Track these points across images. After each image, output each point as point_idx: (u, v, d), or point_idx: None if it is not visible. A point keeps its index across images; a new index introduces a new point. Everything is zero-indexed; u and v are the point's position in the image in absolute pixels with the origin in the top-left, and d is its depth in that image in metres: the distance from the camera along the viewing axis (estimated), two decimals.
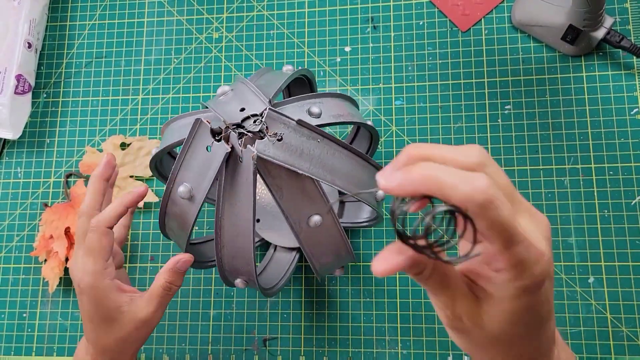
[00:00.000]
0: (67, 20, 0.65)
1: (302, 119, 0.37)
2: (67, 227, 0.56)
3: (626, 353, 0.50)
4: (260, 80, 0.44)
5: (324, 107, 0.41)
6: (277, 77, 0.43)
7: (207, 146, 0.38)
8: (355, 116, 0.44)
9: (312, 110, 0.40)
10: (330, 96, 0.43)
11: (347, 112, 0.43)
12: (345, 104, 0.44)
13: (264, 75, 0.46)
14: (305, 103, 0.41)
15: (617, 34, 0.52)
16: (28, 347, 0.57)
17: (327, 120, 0.41)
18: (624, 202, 0.52)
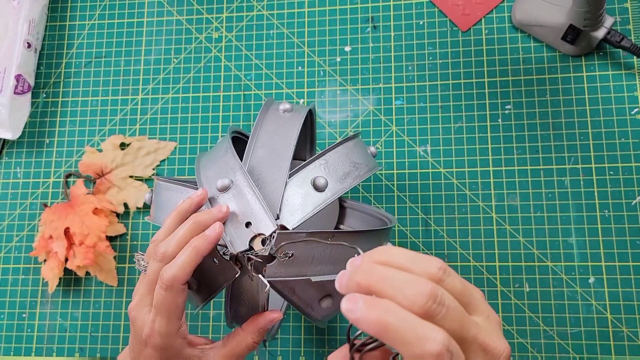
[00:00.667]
0: (66, 20, 0.65)
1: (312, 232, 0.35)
2: (66, 228, 0.56)
3: (626, 353, 0.49)
4: (259, 150, 0.41)
5: (329, 171, 0.40)
6: (279, 142, 0.41)
7: (213, 259, 0.37)
8: (362, 165, 0.42)
9: (317, 183, 0.39)
10: (333, 150, 0.41)
11: (353, 164, 0.42)
12: (350, 151, 0.42)
13: (263, 131, 0.42)
14: (309, 171, 0.40)
15: (617, 34, 0.52)
16: (28, 348, 0.57)
17: (334, 191, 0.39)
18: (624, 202, 0.52)
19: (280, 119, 0.43)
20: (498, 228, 0.53)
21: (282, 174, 0.39)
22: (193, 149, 0.59)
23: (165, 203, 0.42)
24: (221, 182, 0.39)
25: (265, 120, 0.43)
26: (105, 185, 0.59)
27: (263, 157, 0.40)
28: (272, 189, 0.39)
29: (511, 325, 0.51)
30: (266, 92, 0.60)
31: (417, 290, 0.24)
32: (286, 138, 0.41)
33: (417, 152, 0.56)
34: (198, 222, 0.36)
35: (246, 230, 0.36)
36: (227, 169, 0.40)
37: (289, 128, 0.42)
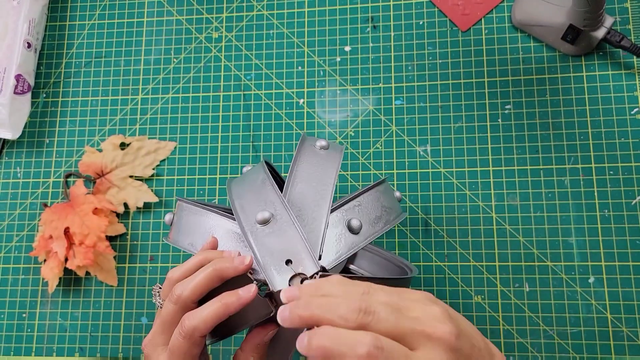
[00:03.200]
0: (66, 20, 0.65)
1: (351, 275, 0.34)
2: (66, 227, 0.56)
3: (626, 353, 0.49)
4: (297, 185, 0.40)
5: (362, 213, 0.40)
6: (317, 178, 0.40)
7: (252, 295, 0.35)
8: (392, 210, 0.42)
9: (352, 225, 0.39)
10: (366, 192, 0.41)
11: (384, 209, 0.41)
12: (381, 195, 0.42)
13: (300, 168, 0.41)
14: (343, 212, 0.39)
15: (617, 34, 0.52)
16: (27, 348, 0.57)
17: (367, 235, 0.39)
18: (624, 201, 0.52)
19: (317, 155, 0.42)
20: (498, 228, 0.53)
21: (323, 213, 0.39)
22: (193, 148, 0.59)
23: (189, 227, 0.41)
24: (261, 215, 0.37)
25: (301, 155, 0.42)
26: (105, 185, 0.59)
27: (302, 193, 0.40)
28: (312, 227, 0.38)
29: (511, 325, 0.51)
30: (266, 92, 0.60)
31: (348, 309, 0.28)
32: (325, 175, 0.41)
33: (417, 152, 0.56)
34: (218, 270, 0.35)
35: (286, 268, 0.36)
36: (266, 201, 0.39)
37: (327, 166, 0.42)
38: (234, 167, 0.58)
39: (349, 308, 0.28)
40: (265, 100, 0.60)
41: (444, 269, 0.53)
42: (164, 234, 0.58)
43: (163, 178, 0.59)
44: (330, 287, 0.30)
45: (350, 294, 0.29)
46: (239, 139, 0.59)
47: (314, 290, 0.30)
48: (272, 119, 0.59)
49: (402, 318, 0.28)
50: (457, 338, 0.28)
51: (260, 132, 0.59)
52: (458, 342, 0.28)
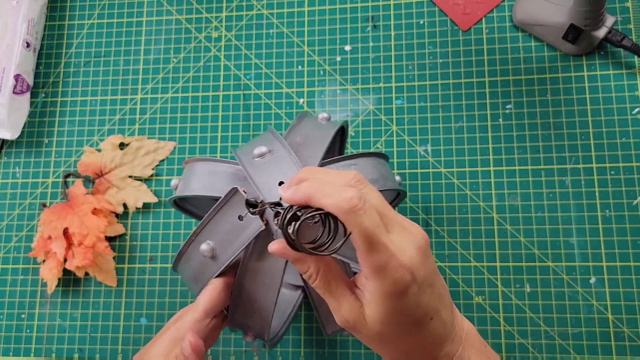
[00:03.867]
0: (65, 20, 0.65)
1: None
2: (65, 228, 0.56)
3: (627, 354, 0.49)
4: (296, 137, 0.42)
5: (358, 171, 0.41)
6: (316, 135, 0.42)
7: (239, 215, 0.37)
8: (388, 179, 0.43)
9: None
10: (364, 156, 0.42)
11: (380, 174, 0.42)
12: (379, 164, 0.43)
13: (300, 128, 0.44)
14: (339, 165, 0.41)
15: (618, 33, 0.52)
16: (27, 348, 0.57)
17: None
18: (625, 202, 0.52)
19: (317, 121, 0.44)
20: (499, 228, 0.53)
21: (318, 155, 0.40)
22: (192, 148, 0.59)
23: (191, 176, 0.43)
24: (258, 149, 0.39)
25: (302, 120, 0.44)
26: (105, 185, 0.59)
27: (299, 143, 0.41)
28: (306, 163, 0.39)
29: (512, 325, 0.51)
30: (266, 91, 0.60)
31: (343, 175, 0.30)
32: (322, 135, 0.42)
33: (418, 152, 0.56)
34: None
35: (278, 188, 0.37)
36: (265, 142, 0.41)
37: (325, 129, 0.43)
38: None
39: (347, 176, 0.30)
40: (265, 100, 0.59)
41: (445, 269, 0.53)
42: (164, 234, 0.58)
43: (162, 178, 0.59)
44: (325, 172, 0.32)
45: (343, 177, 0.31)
46: (239, 138, 0.59)
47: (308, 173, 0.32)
48: (272, 119, 0.59)
49: (387, 204, 0.31)
50: (426, 245, 0.31)
51: (260, 132, 0.59)
52: (427, 250, 0.31)
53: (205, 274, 0.40)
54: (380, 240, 0.28)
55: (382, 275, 0.29)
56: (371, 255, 0.28)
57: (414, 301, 0.30)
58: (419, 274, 0.29)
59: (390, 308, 0.29)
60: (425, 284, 0.30)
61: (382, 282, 0.29)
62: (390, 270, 0.28)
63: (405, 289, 0.29)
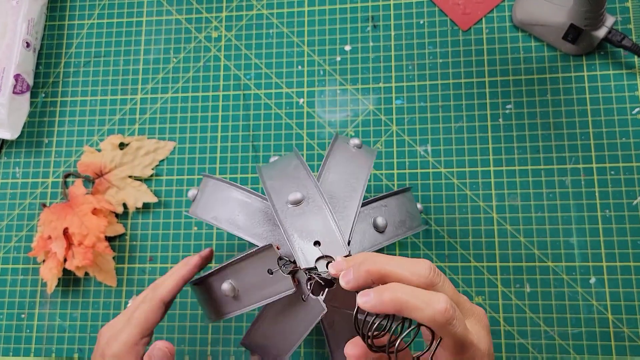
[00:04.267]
0: (65, 20, 0.65)
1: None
2: (65, 228, 0.56)
3: (627, 354, 0.49)
4: (330, 173, 0.40)
5: (388, 213, 0.40)
6: (351, 170, 0.41)
7: (268, 269, 0.36)
8: (415, 217, 0.43)
9: (377, 222, 0.39)
10: (393, 196, 0.42)
11: (408, 214, 0.42)
12: (407, 201, 0.43)
13: (334, 160, 0.41)
14: (370, 209, 0.40)
15: (618, 33, 0.52)
16: (26, 348, 0.57)
17: (391, 235, 0.39)
18: (625, 202, 0.52)
19: (350, 152, 0.43)
20: (499, 228, 0.53)
21: (354, 204, 0.38)
22: (192, 148, 0.59)
23: (214, 201, 0.42)
24: (293, 195, 0.37)
25: (334, 150, 0.43)
26: (104, 185, 0.59)
27: (334, 183, 0.39)
28: (342, 215, 0.38)
29: (512, 325, 0.51)
30: (266, 91, 0.60)
31: (420, 266, 0.29)
32: (357, 170, 0.41)
33: (418, 152, 0.56)
34: (185, 262, 0.42)
35: (313, 249, 0.35)
36: (298, 184, 0.38)
37: (360, 161, 0.42)
38: (233, 167, 0.58)
39: (421, 266, 0.29)
40: (265, 100, 0.59)
41: (445, 269, 0.53)
42: (164, 234, 0.58)
43: (162, 178, 0.59)
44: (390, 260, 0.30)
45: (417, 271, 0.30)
46: (239, 138, 0.59)
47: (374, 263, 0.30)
48: (272, 119, 0.59)
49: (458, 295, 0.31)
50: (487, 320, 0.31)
51: (260, 132, 0.59)
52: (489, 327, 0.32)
53: (223, 308, 0.39)
54: (468, 340, 0.29)
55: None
56: (461, 355, 0.29)
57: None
58: (491, 352, 0.31)
59: None
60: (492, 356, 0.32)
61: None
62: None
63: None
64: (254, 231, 0.39)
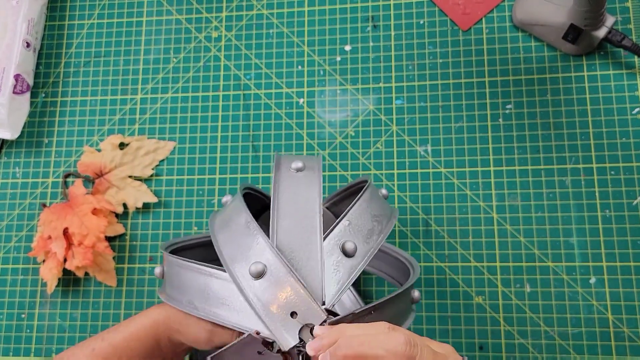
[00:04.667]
0: (65, 20, 0.65)
1: (355, 312, 0.34)
2: (65, 228, 0.56)
3: (627, 354, 0.49)
4: (283, 222, 0.38)
5: (354, 231, 0.38)
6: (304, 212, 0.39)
7: (257, 351, 0.35)
8: (382, 217, 0.41)
9: (346, 248, 0.37)
10: (354, 207, 0.39)
11: (374, 219, 0.40)
12: (370, 205, 0.41)
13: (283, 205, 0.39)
14: (334, 238, 0.38)
15: (618, 33, 0.52)
16: (27, 348, 0.57)
17: (364, 254, 0.38)
18: (625, 202, 0.52)
19: (296, 179, 0.41)
20: (499, 228, 0.53)
21: (315, 249, 0.37)
22: (192, 148, 0.59)
23: (184, 283, 0.40)
24: (255, 267, 0.36)
25: (280, 185, 0.40)
26: (104, 185, 0.59)
27: (289, 231, 0.38)
28: (308, 269, 0.36)
29: (512, 325, 0.51)
30: (266, 91, 0.60)
31: (395, 342, 0.29)
32: (308, 204, 0.39)
33: (418, 152, 0.56)
34: None
35: (292, 322, 0.35)
36: (254, 250, 0.37)
37: (308, 191, 0.40)
38: (233, 167, 0.58)
39: (396, 341, 0.29)
40: (265, 100, 0.59)
41: (445, 269, 0.53)
42: (164, 234, 0.58)
43: (162, 178, 0.59)
44: (355, 328, 0.31)
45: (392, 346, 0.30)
46: (239, 138, 0.59)
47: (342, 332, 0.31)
48: (272, 119, 0.59)
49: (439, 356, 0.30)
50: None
51: (260, 132, 0.59)
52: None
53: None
54: None
55: None
56: None
57: None
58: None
59: None
60: None
61: None
62: None
63: None
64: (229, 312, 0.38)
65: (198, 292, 0.39)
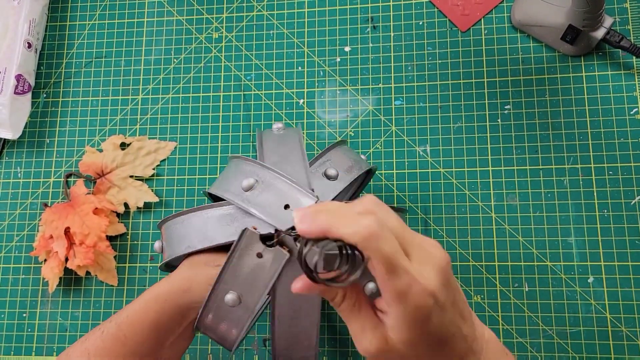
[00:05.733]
0: (67, 20, 0.65)
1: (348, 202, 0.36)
2: (66, 227, 0.56)
3: (625, 353, 0.50)
4: (273, 156, 0.42)
5: (335, 164, 0.41)
6: (288, 149, 0.42)
7: (257, 253, 0.36)
8: (360, 161, 0.44)
9: (328, 173, 0.40)
10: (332, 150, 0.43)
11: (353, 160, 0.43)
12: (347, 150, 0.44)
13: (269, 146, 0.43)
14: (317, 167, 0.41)
15: (616, 34, 0.52)
16: (28, 347, 0.57)
17: (345, 181, 0.41)
18: (623, 202, 0.52)
19: (276, 134, 0.44)
20: (497, 228, 0.53)
21: (298, 159, 0.40)
22: (193, 148, 0.59)
23: (181, 236, 0.41)
24: (246, 181, 0.38)
25: (264, 141, 0.44)
26: (106, 185, 0.59)
27: (275, 161, 0.41)
28: (293, 173, 0.39)
29: (510, 324, 0.52)
30: (266, 92, 0.60)
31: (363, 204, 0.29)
32: (291, 145, 0.42)
33: (417, 152, 0.56)
34: None
35: (286, 212, 0.36)
36: (245, 173, 0.40)
37: (289, 139, 0.43)
38: None
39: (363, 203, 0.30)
40: (265, 100, 0.60)
41: None
42: None
43: (163, 178, 0.59)
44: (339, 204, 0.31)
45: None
46: (239, 139, 0.59)
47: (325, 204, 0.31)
48: (272, 119, 0.59)
49: (407, 230, 0.30)
50: (448, 265, 0.30)
51: None
52: (448, 271, 0.30)
53: (234, 322, 0.38)
54: (400, 265, 0.28)
55: (405, 300, 0.28)
56: (392, 281, 0.28)
57: (438, 322, 0.29)
58: (441, 296, 0.29)
59: (414, 332, 0.29)
60: (447, 304, 0.30)
61: (405, 308, 0.28)
62: (413, 296, 0.28)
63: (428, 314, 0.29)
64: (228, 232, 0.39)
65: (196, 234, 0.40)
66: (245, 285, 0.37)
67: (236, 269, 0.36)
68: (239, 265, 0.36)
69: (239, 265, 0.36)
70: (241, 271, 0.36)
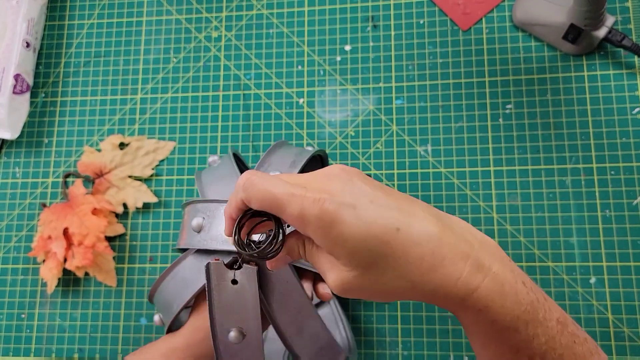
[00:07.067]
0: (65, 20, 0.65)
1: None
2: (65, 228, 0.56)
3: (628, 354, 0.49)
4: (213, 187, 0.45)
5: (277, 166, 0.44)
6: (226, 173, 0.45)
7: (231, 280, 0.35)
8: (300, 153, 0.46)
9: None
10: (271, 152, 0.45)
11: (293, 154, 0.45)
12: (286, 149, 0.46)
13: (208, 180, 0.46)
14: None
15: (618, 33, 0.52)
16: (26, 348, 0.57)
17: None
18: (625, 202, 0.52)
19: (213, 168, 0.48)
20: (499, 228, 0.53)
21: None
22: (192, 148, 0.59)
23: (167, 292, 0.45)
24: (195, 222, 0.42)
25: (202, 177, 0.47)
26: (105, 185, 0.59)
27: (219, 191, 0.44)
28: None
29: None
30: (266, 91, 0.60)
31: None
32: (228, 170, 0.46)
33: (418, 152, 0.56)
34: None
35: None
36: (196, 215, 0.43)
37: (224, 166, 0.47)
38: None
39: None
40: (265, 100, 0.59)
41: None
42: (164, 234, 0.58)
43: (162, 178, 0.59)
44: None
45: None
46: (239, 138, 0.59)
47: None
48: (272, 119, 0.59)
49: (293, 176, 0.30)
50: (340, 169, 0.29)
51: (260, 132, 0.59)
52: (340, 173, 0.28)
53: (249, 356, 0.37)
54: (280, 192, 0.27)
55: (306, 219, 0.26)
56: (287, 211, 0.27)
57: (359, 221, 0.26)
58: (341, 195, 0.26)
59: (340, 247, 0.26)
60: (361, 200, 0.26)
61: (312, 226, 0.26)
62: (308, 209, 0.26)
63: (333, 217, 0.26)
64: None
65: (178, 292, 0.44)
66: (239, 315, 0.36)
67: (222, 305, 0.36)
68: (222, 300, 0.36)
69: (222, 300, 0.36)
70: (227, 304, 0.36)
